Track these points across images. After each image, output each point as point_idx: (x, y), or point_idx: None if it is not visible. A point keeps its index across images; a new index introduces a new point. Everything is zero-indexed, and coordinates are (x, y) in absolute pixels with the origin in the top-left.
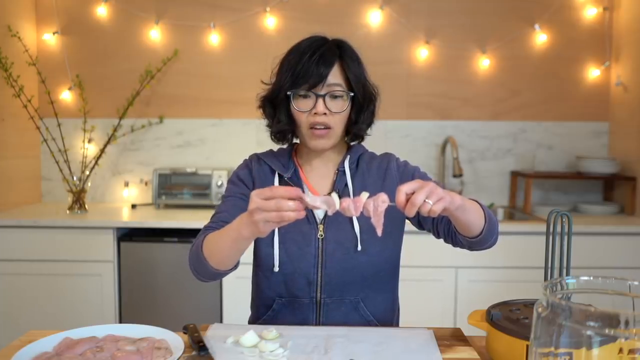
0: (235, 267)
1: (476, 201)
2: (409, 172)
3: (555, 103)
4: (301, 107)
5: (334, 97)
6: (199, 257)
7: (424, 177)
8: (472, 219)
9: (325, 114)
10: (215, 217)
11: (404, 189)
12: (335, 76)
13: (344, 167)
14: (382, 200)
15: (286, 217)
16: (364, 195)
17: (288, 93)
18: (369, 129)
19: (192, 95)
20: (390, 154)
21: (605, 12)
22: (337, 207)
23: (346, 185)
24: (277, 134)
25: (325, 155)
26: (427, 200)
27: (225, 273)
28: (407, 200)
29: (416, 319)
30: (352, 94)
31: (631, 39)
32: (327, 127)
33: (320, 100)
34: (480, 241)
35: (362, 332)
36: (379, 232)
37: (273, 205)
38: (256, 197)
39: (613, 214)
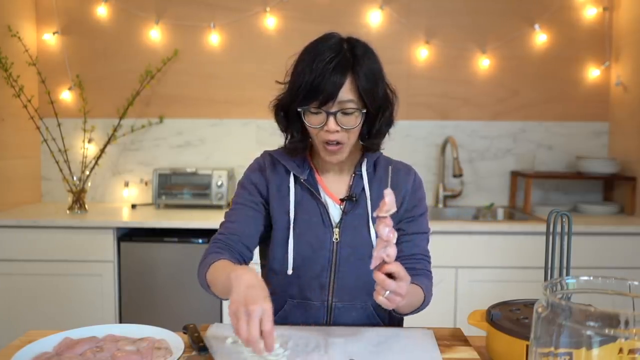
0: None
1: (424, 291)
2: (415, 199)
3: (555, 103)
4: (313, 123)
5: (345, 113)
6: (204, 283)
7: (421, 213)
8: (400, 310)
9: (337, 131)
10: (224, 228)
11: (395, 268)
12: (346, 92)
13: (361, 171)
14: (388, 254)
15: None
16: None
17: (299, 110)
18: (386, 135)
19: (192, 95)
20: (410, 167)
21: (605, 12)
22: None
23: (363, 189)
24: (292, 151)
25: None
26: (388, 292)
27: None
28: (383, 268)
29: (416, 319)
30: (364, 110)
31: (631, 39)
32: (340, 143)
33: (332, 118)
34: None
35: (362, 332)
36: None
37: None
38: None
39: (613, 214)
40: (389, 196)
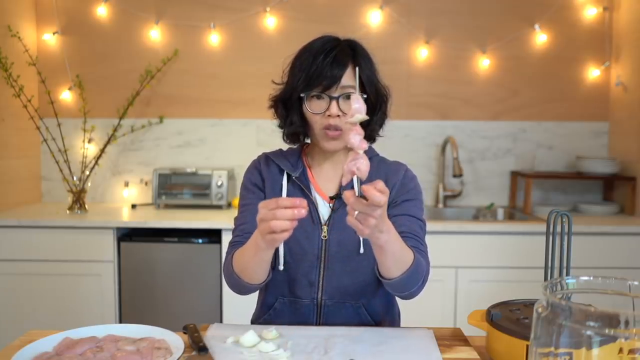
0: (268, 277)
1: (415, 255)
2: (402, 190)
3: (555, 103)
4: (314, 109)
5: (347, 97)
6: (232, 275)
7: (407, 199)
8: (386, 263)
9: (338, 116)
10: (239, 230)
11: (369, 188)
12: (348, 78)
13: None
14: (358, 167)
15: (273, 226)
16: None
17: (301, 95)
18: (381, 129)
19: (192, 95)
20: (402, 164)
21: (605, 12)
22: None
23: (352, 188)
24: (290, 136)
25: (334, 157)
26: (357, 213)
27: (260, 285)
28: (357, 196)
29: (416, 319)
30: (365, 95)
31: (631, 39)
32: (339, 129)
33: (334, 103)
34: (389, 285)
35: (362, 332)
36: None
37: (271, 215)
38: (261, 209)
39: (613, 214)
40: (356, 101)
